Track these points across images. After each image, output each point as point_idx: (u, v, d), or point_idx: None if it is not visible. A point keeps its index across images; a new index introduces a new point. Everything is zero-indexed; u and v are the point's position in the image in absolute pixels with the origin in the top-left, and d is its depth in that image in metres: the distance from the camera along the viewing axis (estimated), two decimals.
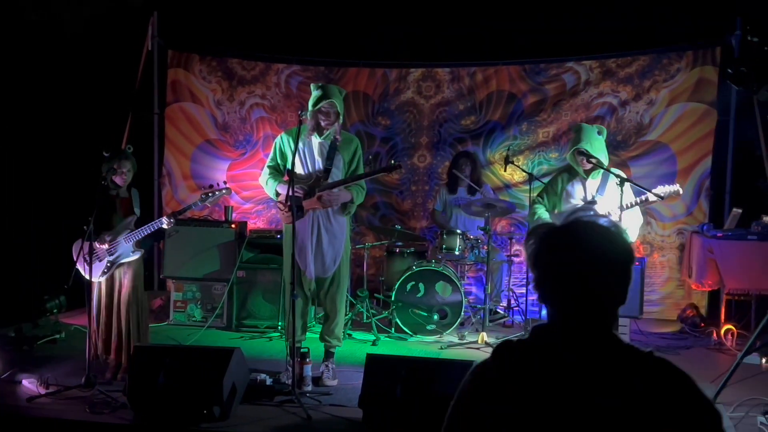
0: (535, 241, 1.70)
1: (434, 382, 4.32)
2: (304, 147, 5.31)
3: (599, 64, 8.05)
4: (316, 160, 5.33)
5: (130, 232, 5.32)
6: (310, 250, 5.30)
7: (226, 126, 8.73)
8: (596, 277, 1.63)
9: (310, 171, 5.33)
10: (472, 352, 6.30)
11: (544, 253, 1.68)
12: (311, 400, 4.88)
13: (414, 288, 6.88)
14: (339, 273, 5.42)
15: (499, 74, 8.33)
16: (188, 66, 8.70)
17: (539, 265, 1.69)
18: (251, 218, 8.48)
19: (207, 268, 7.22)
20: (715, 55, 7.69)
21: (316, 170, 5.32)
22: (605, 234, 1.66)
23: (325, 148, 5.33)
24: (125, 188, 5.44)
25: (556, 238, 1.68)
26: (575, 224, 1.68)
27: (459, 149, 8.30)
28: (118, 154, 5.32)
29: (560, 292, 1.66)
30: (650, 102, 7.90)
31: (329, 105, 5.21)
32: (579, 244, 1.65)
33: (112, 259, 5.30)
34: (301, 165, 5.32)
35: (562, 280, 1.65)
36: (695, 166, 7.74)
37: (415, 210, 8.56)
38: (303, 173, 5.32)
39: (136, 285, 5.39)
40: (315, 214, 5.32)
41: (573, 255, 1.64)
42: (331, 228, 5.37)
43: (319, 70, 8.63)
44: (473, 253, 7.18)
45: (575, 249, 1.65)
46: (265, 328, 7.02)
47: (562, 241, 1.67)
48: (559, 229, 1.69)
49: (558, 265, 1.66)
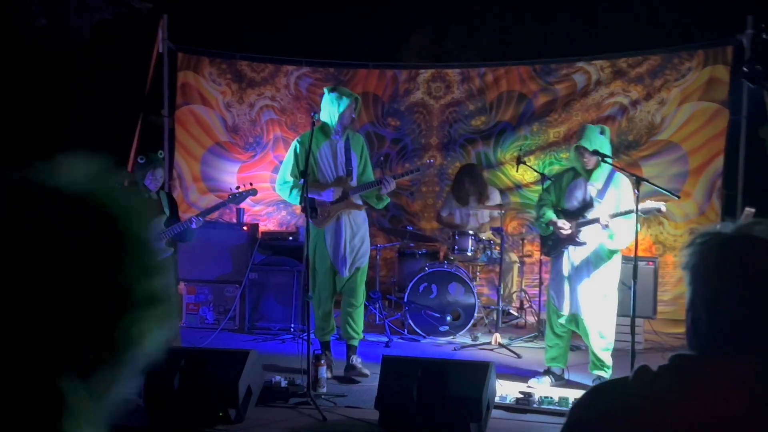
0: (699, 250, 1.41)
1: (450, 383, 4.31)
2: (325, 151, 5.45)
3: (610, 64, 8.03)
4: (339, 162, 5.47)
5: (161, 232, 5.49)
6: (347, 249, 5.49)
7: (236, 128, 8.73)
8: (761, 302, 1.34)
9: (336, 174, 5.49)
10: (485, 353, 6.29)
11: (708, 264, 1.40)
12: (326, 402, 4.87)
13: (427, 289, 6.87)
14: (363, 268, 5.64)
15: (509, 75, 8.31)
16: (198, 69, 8.70)
17: (695, 280, 1.42)
18: (262, 220, 8.48)
19: (219, 271, 7.23)
20: (726, 54, 7.65)
21: (341, 172, 5.48)
22: None
23: (342, 150, 5.47)
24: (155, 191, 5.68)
25: (725, 248, 1.40)
26: (746, 236, 1.39)
27: (469, 150, 8.29)
28: (153, 162, 5.53)
29: (717, 312, 1.38)
30: (661, 101, 7.87)
31: (354, 103, 5.42)
32: (748, 262, 1.36)
33: None
34: (327, 169, 5.48)
35: (720, 298, 1.38)
36: (707, 165, 7.71)
37: (425, 211, 8.55)
38: (330, 177, 5.48)
39: (170, 283, 5.49)
40: (346, 216, 5.50)
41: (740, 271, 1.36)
42: (360, 226, 5.59)
43: (328, 72, 8.63)
44: (485, 254, 7.17)
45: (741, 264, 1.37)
46: (278, 330, 7.02)
47: (729, 254, 1.39)
48: (730, 240, 1.40)
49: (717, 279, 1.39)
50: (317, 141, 5.39)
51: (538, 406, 4.75)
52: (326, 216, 5.44)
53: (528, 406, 4.77)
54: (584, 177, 5.26)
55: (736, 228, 1.40)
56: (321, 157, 5.45)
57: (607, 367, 5.25)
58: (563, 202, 5.33)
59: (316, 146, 5.37)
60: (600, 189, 5.19)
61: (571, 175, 5.35)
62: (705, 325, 1.38)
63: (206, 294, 7.28)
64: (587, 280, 5.18)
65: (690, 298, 1.41)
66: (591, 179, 5.21)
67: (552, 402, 4.77)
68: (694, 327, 1.40)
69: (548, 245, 5.43)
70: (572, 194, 5.29)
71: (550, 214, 5.33)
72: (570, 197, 5.30)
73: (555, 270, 5.42)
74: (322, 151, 5.45)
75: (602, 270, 5.18)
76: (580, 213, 5.22)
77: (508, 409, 4.77)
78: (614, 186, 5.19)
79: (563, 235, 5.24)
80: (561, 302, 5.29)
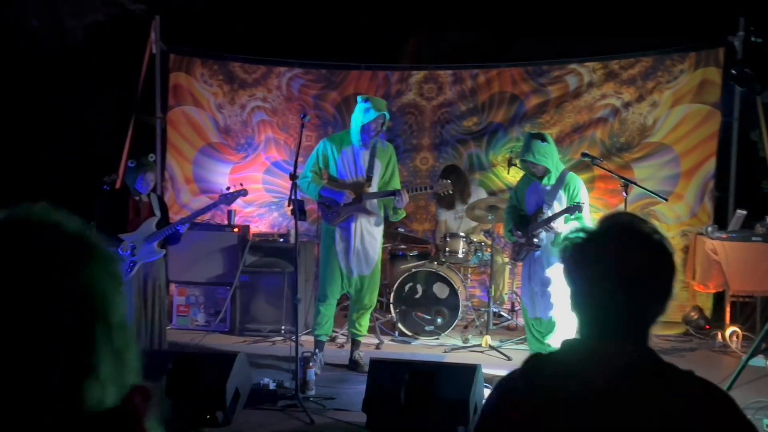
0: (567, 248, 1.54)
1: (437, 385, 4.32)
2: (346, 155, 5.71)
3: (602, 66, 8.02)
4: (360, 167, 5.71)
5: (152, 233, 5.58)
6: (354, 252, 5.71)
7: (228, 129, 8.71)
8: (632, 291, 1.48)
9: (355, 178, 5.73)
10: (476, 356, 6.29)
11: (574, 261, 1.53)
12: (315, 405, 4.87)
13: (411, 290, 6.88)
14: (377, 269, 5.91)
15: (501, 76, 8.30)
16: (190, 70, 8.69)
17: (569, 274, 1.55)
18: (254, 221, 8.46)
19: (210, 272, 7.21)
20: (718, 57, 7.65)
21: (359, 177, 5.71)
22: (644, 240, 1.50)
23: (366, 157, 5.71)
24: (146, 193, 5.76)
25: (588, 244, 1.52)
26: (610, 229, 1.53)
27: (461, 151, 8.28)
28: (143, 166, 5.60)
29: (592, 306, 1.52)
30: (653, 103, 7.87)
31: (380, 118, 5.63)
32: (611, 252, 1.49)
33: (135, 259, 5.53)
34: (347, 172, 5.73)
35: (593, 293, 1.50)
36: (699, 167, 7.71)
37: (417, 212, 8.53)
38: (348, 180, 5.73)
39: (160, 284, 5.76)
40: (359, 219, 5.72)
41: (604, 265, 1.49)
42: (372, 231, 5.81)
43: (320, 73, 8.62)
44: (476, 256, 7.16)
45: (606, 257, 1.49)
46: (269, 332, 7.00)
47: (593, 248, 1.51)
48: (591, 235, 1.53)
49: (588, 276, 1.51)
50: (343, 143, 5.74)
51: None
52: (337, 215, 5.69)
53: None
54: (537, 180, 5.33)
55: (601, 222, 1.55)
56: (342, 159, 5.75)
57: None
58: (524, 207, 5.42)
59: (340, 148, 5.72)
60: (549, 192, 5.23)
61: (528, 180, 5.42)
62: (580, 315, 1.55)
63: (197, 296, 7.26)
64: (549, 284, 5.21)
65: (569, 291, 1.56)
66: (544, 182, 5.27)
67: None
68: (576, 316, 1.56)
69: (515, 251, 5.54)
70: (529, 199, 5.36)
71: (508, 224, 5.51)
72: (528, 202, 5.37)
73: (523, 275, 5.54)
74: (345, 154, 5.74)
75: (558, 273, 5.16)
76: (536, 217, 5.26)
77: None
78: (563, 188, 5.22)
79: (520, 241, 5.35)
80: (527, 306, 5.38)
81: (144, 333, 5.66)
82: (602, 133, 7.95)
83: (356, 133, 5.67)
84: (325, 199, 5.69)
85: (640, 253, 1.49)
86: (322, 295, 5.83)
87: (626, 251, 1.48)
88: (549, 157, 5.13)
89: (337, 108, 8.51)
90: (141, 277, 5.65)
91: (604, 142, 7.92)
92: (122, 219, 5.59)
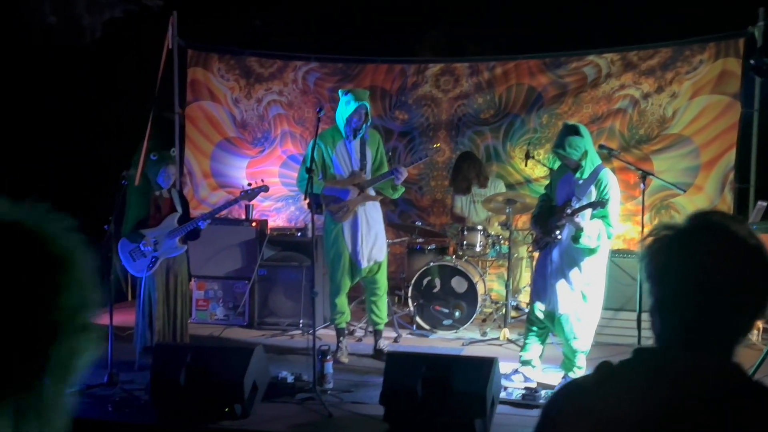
0: (650, 244, 1.40)
1: (454, 379, 4.31)
2: (340, 150, 5.77)
3: (620, 57, 7.94)
4: (354, 159, 5.79)
5: (174, 229, 5.67)
6: (363, 242, 5.79)
7: (245, 123, 8.74)
8: (720, 299, 1.34)
9: (352, 171, 5.81)
10: (494, 349, 6.28)
11: (657, 259, 1.39)
12: (332, 398, 4.88)
13: (430, 284, 6.88)
14: (382, 261, 5.97)
15: (518, 68, 8.25)
16: (207, 65, 8.72)
17: (650, 274, 1.40)
18: (271, 216, 8.49)
19: (228, 267, 7.25)
20: (738, 47, 7.56)
21: (355, 168, 5.80)
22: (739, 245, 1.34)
23: (357, 147, 5.79)
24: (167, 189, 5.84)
25: (675, 242, 1.38)
26: (701, 228, 1.38)
27: (478, 143, 8.26)
28: (165, 159, 5.66)
29: (674, 312, 1.38)
30: (673, 94, 7.79)
31: (362, 108, 5.68)
32: (701, 254, 1.35)
33: (157, 254, 5.64)
34: (342, 166, 5.80)
35: (676, 298, 1.37)
36: (719, 159, 7.63)
37: (434, 206, 8.51)
38: (346, 174, 5.80)
39: (182, 279, 5.85)
40: (362, 210, 5.82)
41: (691, 268, 1.35)
42: (377, 218, 5.92)
43: (336, 67, 8.61)
44: (494, 249, 7.15)
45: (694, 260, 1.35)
46: (287, 325, 7.03)
47: (681, 248, 1.37)
48: (679, 232, 1.39)
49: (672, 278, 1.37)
50: (334, 140, 5.79)
51: (544, 401, 4.72)
52: (346, 211, 5.76)
53: (533, 401, 4.76)
54: (570, 172, 5.22)
55: (689, 219, 1.39)
56: (337, 155, 5.80)
57: (578, 368, 5.18)
58: (554, 198, 5.33)
59: (333, 145, 5.77)
60: (581, 186, 5.13)
61: (562, 171, 5.32)
62: (659, 323, 1.40)
63: (216, 290, 7.30)
64: (564, 279, 5.14)
65: (648, 294, 1.42)
66: (577, 175, 5.16)
67: None
68: (652, 323, 1.42)
69: (535, 240, 5.49)
70: (560, 191, 5.28)
71: (535, 211, 5.48)
72: (559, 193, 5.28)
73: (537, 265, 5.47)
74: (338, 150, 5.80)
75: (578, 269, 5.10)
76: (563, 209, 5.19)
77: (513, 405, 4.76)
78: (594, 183, 5.12)
79: (539, 233, 5.33)
80: (539, 297, 5.28)
81: (167, 327, 5.72)
82: (621, 124, 7.89)
83: (342, 127, 5.77)
84: (330, 198, 5.77)
85: (734, 258, 1.34)
86: (335, 288, 5.90)
87: (718, 255, 1.34)
88: (580, 151, 5.04)
89: None
90: (164, 272, 5.74)
91: (623, 133, 7.86)
92: (144, 214, 5.68)
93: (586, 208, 4.97)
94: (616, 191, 5.09)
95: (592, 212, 4.99)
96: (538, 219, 5.34)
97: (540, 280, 5.32)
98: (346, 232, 5.81)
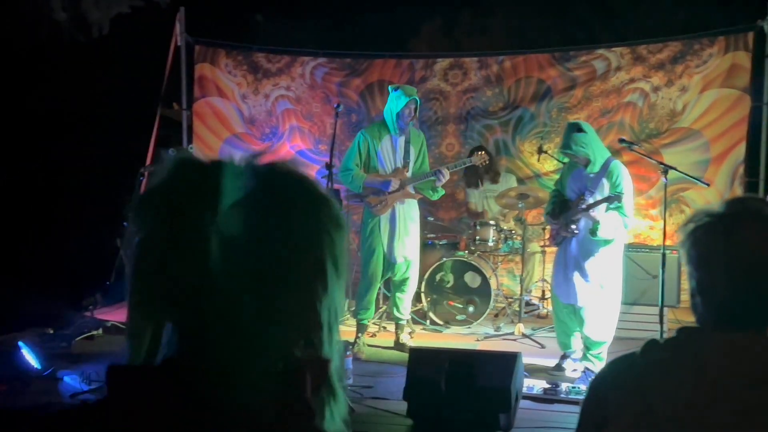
0: (691, 230, 1.48)
1: (478, 373, 4.30)
2: (385, 145, 5.86)
3: (630, 51, 7.95)
4: (398, 155, 5.88)
5: None
6: (399, 238, 5.86)
7: (253, 119, 8.72)
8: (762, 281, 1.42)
9: (395, 166, 5.88)
10: (509, 344, 6.27)
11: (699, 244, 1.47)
12: (353, 393, 4.87)
13: (442, 279, 6.88)
14: (413, 260, 6.02)
15: (527, 61, 8.24)
16: (214, 61, 8.69)
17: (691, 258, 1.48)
18: None
19: None
20: (748, 41, 7.57)
21: (399, 164, 5.87)
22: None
23: (403, 143, 5.88)
24: None
25: (716, 228, 1.46)
26: (740, 214, 1.46)
27: (487, 137, 8.25)
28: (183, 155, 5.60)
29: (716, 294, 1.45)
30: (683, 88, 7.79)
31: (412, 103, 5.78)
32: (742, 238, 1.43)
33: None
34: (387, 161, 5.88)
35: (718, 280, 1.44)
36: (729, 152, 7.64)
37: (443, 201, 8.48)
38: (389, 169, 5.88)
39: None
40: (401, 206, 5.90)
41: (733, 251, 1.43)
42: (414, 216, 6.00)
43: (344, 62, 8.59)
44: (507, 244, 7.14)
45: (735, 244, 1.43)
46: None
47: (722, 233, 1.45)
48: (719, 218, 1.47)
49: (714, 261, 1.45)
50: (380, 135, 5.87)
51: (566, 396, 4.74)
52: (384, 204, 5.84)
53: (555, 396, 4.75)
54: (581, 167, 5.23)
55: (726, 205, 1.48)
56: (381, 150, 5.87)
57: (599, 359, 5.21)
58: (566, 192, 5.34)
59: (378, 140, 5.84)
60: (593, 179, 5.14)
61: (573, 166, 5.34)
62: (701, 305, 1.49)
63: None
64: (580, 271, 5.16)
65: (688, 278, 1.50)
66: (588, 169, 5.16)
67: (579, 392, 4.75)
68: (693, 305, 1.51)
69: (553, 235, 5.50)
70: (571, 185, 5.30)
71: (548, 207, 5.48)
72: (570, 188, 5.30)
73: (556, 260, 5.48)
74: (383, 145, 5.88)
75: (594, 261, 5.13)
76: (577, 204, 5.20)
77: (535, 400, 4.76)
78: (606, 176, 5.13)
79: (555, 227, 5.34)
80: (559, 291, 5.31)
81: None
82: (631, 118, 7.89)
83: (392, 122, 5.81)
84: (370, 190, 5.83)
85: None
86: (367, 282, 5.91)
87: (759, 239, 1.42)
88: (588, 147, 5.05)
89: (360, 95, 8.50)
90: None
91: (633, 127, 7.86)
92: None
93: (601, 203, 4.98)
94: (629, 182, 5.13)
95: (607, 205, 5.00)
96: (553, 214, 5.36)
97: (557, 274, 5.34)
98: (383, 226, 5.87)
